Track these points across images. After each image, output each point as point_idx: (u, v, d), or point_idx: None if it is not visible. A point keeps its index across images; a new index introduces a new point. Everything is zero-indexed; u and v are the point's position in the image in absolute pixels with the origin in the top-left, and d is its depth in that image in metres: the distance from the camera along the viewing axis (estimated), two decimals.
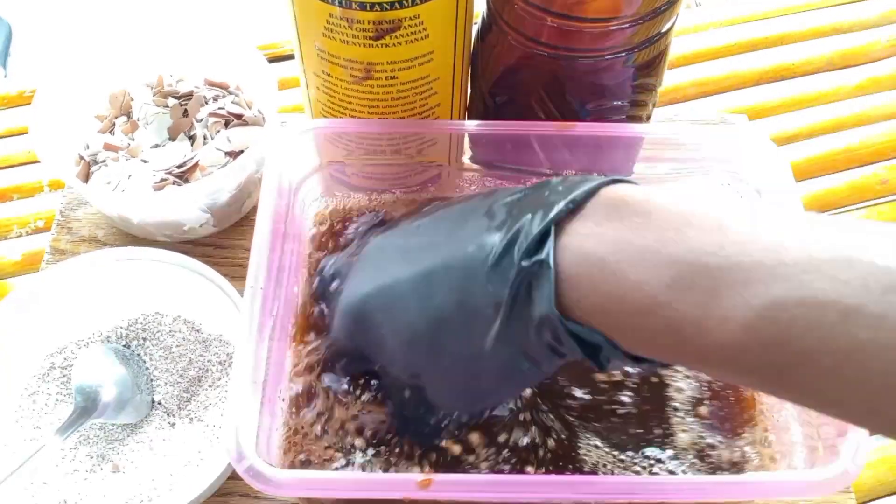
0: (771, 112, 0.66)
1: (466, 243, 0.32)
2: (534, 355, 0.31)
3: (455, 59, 0.43)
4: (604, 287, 0.27)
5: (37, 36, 1.49)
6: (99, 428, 0.46)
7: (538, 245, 0.29)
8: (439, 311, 0.32)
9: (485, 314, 0.30)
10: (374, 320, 0.35)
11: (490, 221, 0.32)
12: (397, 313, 0.34)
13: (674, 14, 0.41)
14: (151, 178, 0.51)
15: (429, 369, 0.35)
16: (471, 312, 0.31)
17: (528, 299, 0.29)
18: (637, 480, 0.36)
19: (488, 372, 0.32)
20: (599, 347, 0.28)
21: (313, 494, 0.33)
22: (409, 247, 0.35)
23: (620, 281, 0.27)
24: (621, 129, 0.44)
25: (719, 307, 0.25)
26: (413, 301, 0.33)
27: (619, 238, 0.27)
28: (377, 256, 0.37)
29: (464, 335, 0.32)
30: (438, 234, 0.34)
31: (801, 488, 0.33)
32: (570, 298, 0.28)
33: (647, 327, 0.27)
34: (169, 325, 0.49)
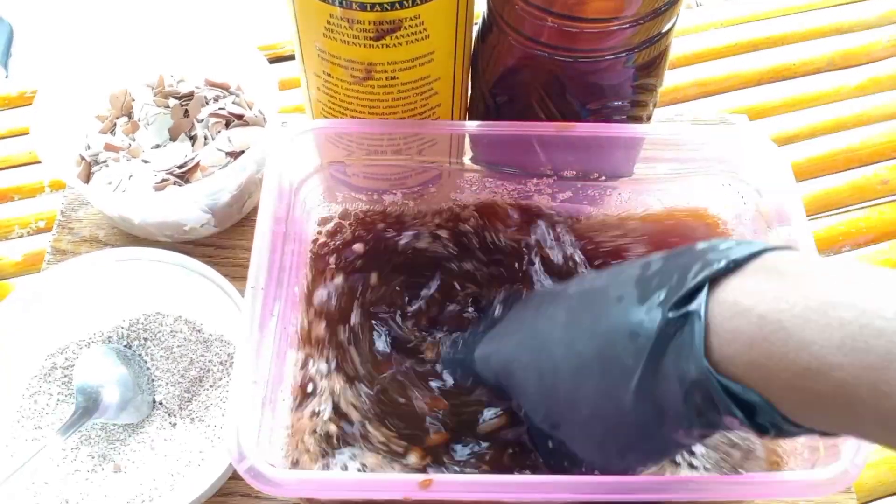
0: (771, 112, 0.66)
1: (614, 292, 0.31)
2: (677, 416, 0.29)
3: (455, 59, 0.43)
4: (764, 345, 0.26)
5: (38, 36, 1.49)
6: (100, 428, 0.46)
7: (689, 298, 0.28)
8: (580, 358, 0.32)
9: (626, 364, 0.29)
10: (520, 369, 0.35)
11: (643, 272, 0.31)
12: (540, 363, 0.34)
13: (674, 14, 0.41)
14: (152, 178, 0.51)
15: (568, 419, 0.34)
16: (610, 361, 0.30)
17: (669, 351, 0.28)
18: (637, 480, 0.36)
19: (628, 427, 0.31)
20: (755, 409, 0.27)
21: (314, 495, 0.33)
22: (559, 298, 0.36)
23: (784, 339, 0.25)
24: (622, 129, 0.44)
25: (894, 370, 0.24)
26: (557, 351, 0.33)
27: (783, 296, 0.26)
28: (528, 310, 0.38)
29: (603, 385, 0.31)
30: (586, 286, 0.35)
31: (802, 488, 0.33)
32: (723, 354, 0.27)
33: (815, 390, 0.25)
34: (170, 325, 0.49)
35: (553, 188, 0.47)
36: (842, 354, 0.24)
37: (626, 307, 0.30)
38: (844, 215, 0.60)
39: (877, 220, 0.60)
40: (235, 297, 0.47)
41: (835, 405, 0.25)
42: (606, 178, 0.46)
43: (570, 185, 0.46)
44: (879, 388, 0.24)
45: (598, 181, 0.46)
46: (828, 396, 0.25)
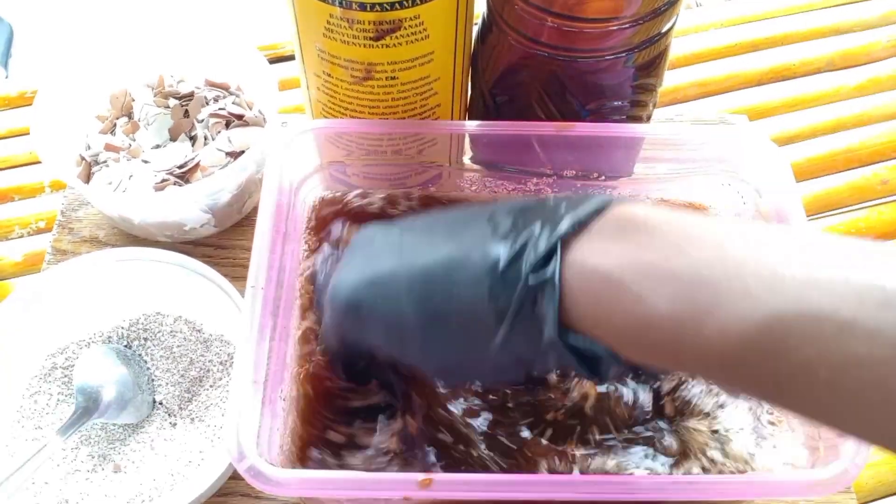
0: (771, 112, 0.66)
1: (470, 249, 0.32)
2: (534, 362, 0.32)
3: (455, 59, 0.43)
4: (606, 301, 0.28)
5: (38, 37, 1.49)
6: (100, 428, 0.46)
7: (545, 261, 0.29)
8: (436, 313, 0.32)
9: (485, 323, 0.31)
10: (363, 312, 0.35)
11: (494, 229, 0.32)
12: (389, 309, 0.34)
13: (674, 14, 0.41)
14: (152, 178, 0.51)
15: (420, 361, 0.35)
16: (470, 319, 0.31)
17: (532, 314, 0.30)
18: (637, 480, 0.36)
19: (483, 371, 0.34)
20: (599, 359, 0.29)
21: (314, 494, 0.33)
22: (404, 242, 0.35)
23: (624, 295, 0.27)
24: (621, 129, 0.44)
25: (718, 319, 0.25)
26: (407, 299, 0.33)
27: (624, 254, 0.28)
28: (367, 246, 0.37)
29: (460, 339, 0.32)
30: (436, 235, 0.34)
31: (802, 488, 0.33)
32: (575, 313, 0.29)
33: (649, 338, 0.27)
34: (170, 325, 0.49)
35: (553, 188, 0.47)
36: (671, 305, 0.26)
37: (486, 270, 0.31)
38: (844, 215, 0.60)
39: (876, 221, 0.60)
40: (235, 297, 0.47)
41: (668, 352, 0.27)
42: (606, 177, 0.46)
43: (570, 185, 0.46)
44: (701, 335, 0.26)
45: (598, 181, 0.46)
46: (663, 343, 0.27)
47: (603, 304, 0.28)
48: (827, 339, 0.24)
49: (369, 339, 0.36)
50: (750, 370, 0.26)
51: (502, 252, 0.31)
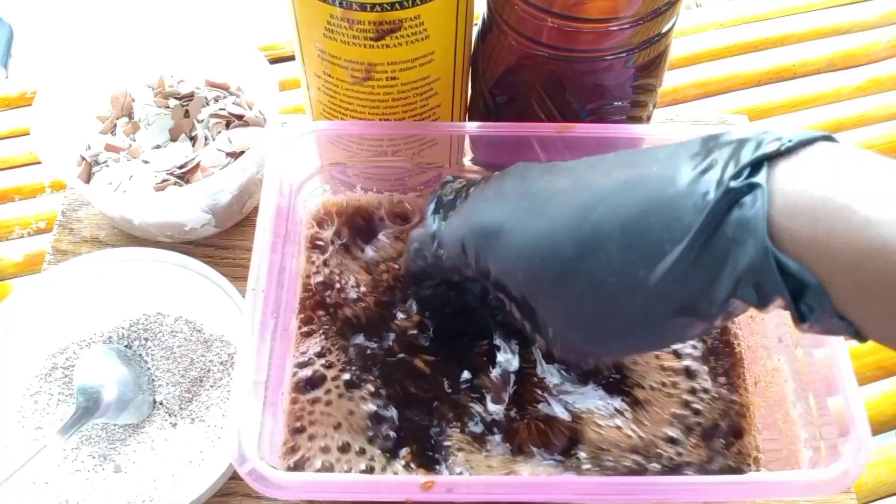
0: (772, 113, 0.66)
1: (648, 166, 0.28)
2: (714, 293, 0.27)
3: (455, 59, 0.43)
4: (828, 222, 0.24)
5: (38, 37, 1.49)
6: (101, 428, 0.46)
7: (749, 173, 0.26)
8: (595, 228, 0.28)
9: (657, 239, 0.27)
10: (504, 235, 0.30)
11: (680, 149, 0.28)
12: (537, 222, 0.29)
13: (674, 15, 0.41)
14: (153, 178, 0.51)
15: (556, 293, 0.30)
16: (639, 234, 0.27)
17: (725, 225, 0.26)
18: (637, 480, 0.36)
19: (634, 312, 0.28)
20: (804, 290, 0.25)
21: (316, 497, 0.33)
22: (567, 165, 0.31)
23: (847, 217, 0.24)
24: (621, 129, 0.44)
25: None
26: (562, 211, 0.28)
27: (846, 177, 0.25)
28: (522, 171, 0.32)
29: (618, 261, 0.27)
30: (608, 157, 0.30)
31: (802, 488, 0.33)
32: (780, 231, 0.25)
33: (875, 269, 0.24)
34: (170, 325, 0.49)
35: None
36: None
37: (672, 176, 0.27)
38: None
39: None
40: (236, 298, 0.47)
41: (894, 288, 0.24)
42: None
43: None
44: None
45: None
46: (889, 277, 0.24)
47: (820, 226, 0.24)
48: None
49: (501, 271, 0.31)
50: None
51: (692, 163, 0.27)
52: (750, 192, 0.25)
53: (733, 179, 0.26)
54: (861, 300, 0.25)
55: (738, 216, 0.26)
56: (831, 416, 0.35)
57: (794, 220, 0.25)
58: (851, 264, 0.24)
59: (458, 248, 0.33)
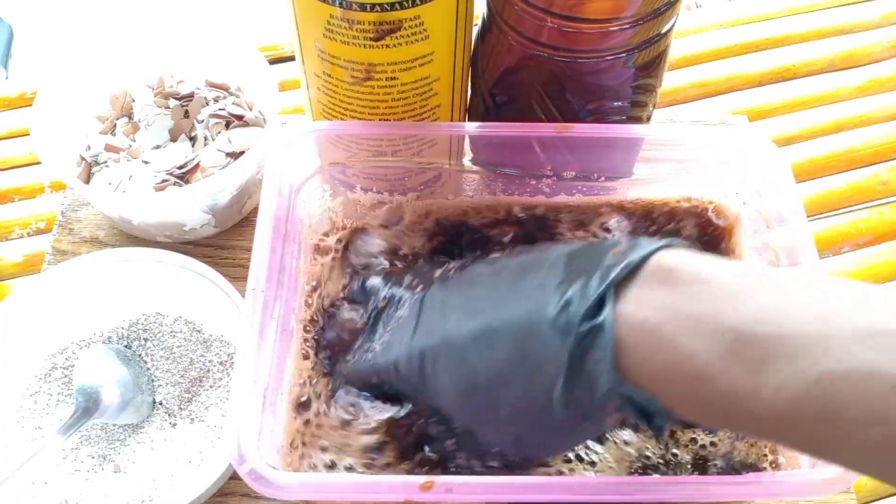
0: (772, 113, 0.66)
1: (527, 300, 0.32)
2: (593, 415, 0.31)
3: (455, 59, 0.43)
4: (658, 355, 0.28)
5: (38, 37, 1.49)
6: (100, 428, 0.46)
7: (596, 309, 0.29)
8: (499, 365, 0.32)
9: (545, 373, 0.30)
10: (431, 370, 0.35)
11: (547, 278, 0.32)
12: (457, 365, 0.34)
13: (674, 15, 0.41)
14: (152, 178, 0.51)
15: (484, 420, 0.35)
16: (531, 371, 0.31)
17: (585, 364, 0.29)
18: (637, 480, 0.36)
19: (545, 426, 0.33)
20: (653, 414, 0.29)
21: (315, 497, 0.33)
22: (470, 298, 0.35)
23: (675, 349, 0.27)
24: (621, 129, 0.44)
25: (772, 378, 0.25)
26: (474, 354, 0.33)
27: (673, 305, 0.28)
28: (433, 306, 0.37)
29: (524, 391, 0.32)
30: (499, 288, 0.34)
31: (802, 488, 0.33)
32: (626, 364, 0.28)
33: (701, 396, 0.27)
34: (170, 325, 0.49)
35: (553, 189, 0.47)
36: (722, 362, 0.26)
37: (541, 314, 0.31)
38: (844, 216, 0.60)
39: (877, 221, 0.60)
40: (235, 298, 0.47)
41: (720, 410, 0.27)
42: (606, 178, 0.46)
43: (570, 186, 0.46)
44: (755, 395, 0.26)
45: (598, 182, 0.46)
46: (715, 402, 0.27)
47: (655, 359, 0.28)
48: (878, 397, 0.23)
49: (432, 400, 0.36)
50: (803, 429, 0.25)
51: (555, 301, 0.30)
52: (597, 334, 0.29)
53: (584, 320, 0.29)
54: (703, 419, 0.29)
55: (592, 357, 0.29)
56: None
57: (637, 353, 0.28)
58: (684, 392, 0.28)
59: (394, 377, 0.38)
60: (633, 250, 0.30)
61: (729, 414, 0.27)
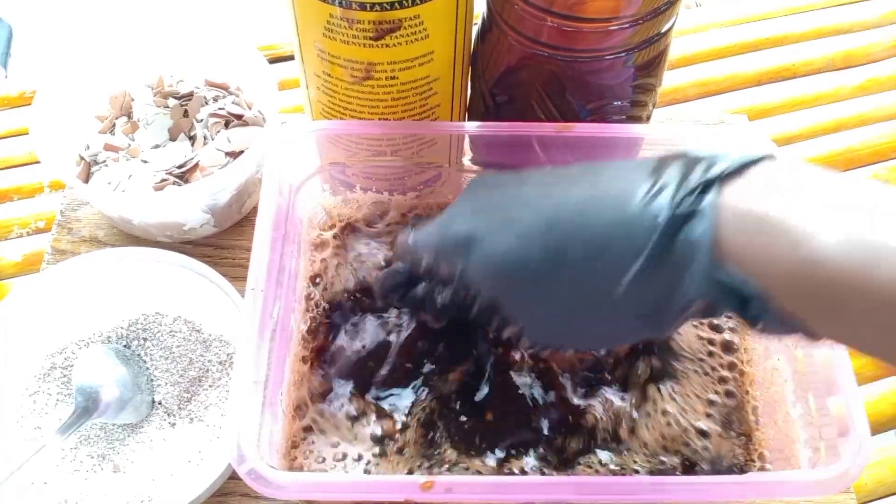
0: (771, 112, 0.66)
1: (608, 183, 0.30)
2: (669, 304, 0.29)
3: (455, 59, 0.43)
4: (766, 238, 0.27)
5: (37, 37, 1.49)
6: (99, 428, 0.46)
7: (698, 193, 0.28)
8: (560, 245, 0.30)
9: (618, 256, 0.29)
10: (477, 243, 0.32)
11: (638, 168, 0.30)
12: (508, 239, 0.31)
13: (673, 14, 0.41)
14: (152, 178, 0.51)
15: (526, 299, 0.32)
16: (601, 252, 0.29)
17: (677, 244, 0.28)
18: (637, 480, 0.36)
19: (604, 317, 0.31)
20: (749, 301, 0.28)
21: (315, 497, 0.33)
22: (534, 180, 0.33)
23: (787, 231, 0.26)
24: (621, 129, 0.44)
25: (892, 265, 0.25)
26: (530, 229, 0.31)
27: (787, 196, 0.27)
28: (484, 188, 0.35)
29: (584, 276, 0.30)
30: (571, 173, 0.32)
31: (802, 488, 0.33)
32: (729, 246, 0.28)
33: (811, 279, 0.26)
34: (169, 325, 0.49)
35: None
36: (840, 246, 0.25)
37: (628, 197, 0.29)
38: None
39: None
40: (235, 298, 0.47)
41: (829, 296, 0.26)
42: None
43: None
44: (872, 282, 0.25)
45: None
46: (823, 287, 0.26)
47: (763, 239, 0.27)
48: None
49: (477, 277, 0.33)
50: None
51: (646, 185, 0.29)
52: (696, 216, 0.28)
53: (681, 203, 0.28)
54: (802, 306, 0.27)
55: (684, 239, 0.28)
56: (831, 416, 0.35)
57: (739, 237, 0.27)
58: (789, 275, 0.27)
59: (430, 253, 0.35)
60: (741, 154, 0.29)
61: (837, 300, 0.26)
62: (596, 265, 0.30)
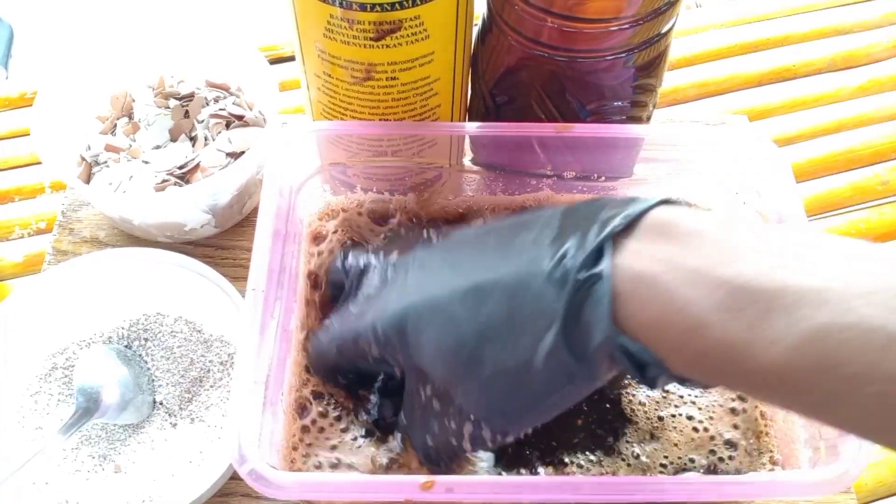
0: (772, 113, 0.66)
1: (518, 255, 0.32)
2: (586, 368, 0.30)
3: (455, 59, 0.43)
4: (654, 305, 0.27)
5: (38, 37, 1.50)
6: (100, 428, 0.46)
7: (595, 259, 0.29)
8: (488, 320, 0.32)
9: (536, 325, 0.30)
10: (415, 328, 0.34)
11: (541, 234, 0.31)
12: (443, 322, 0.33)
13: (674, 15, 0.41)
14: (153, 179, 0.51)
15: (469, 380, 0.33)
16: (521, 323, 0.31)
17: (582, 313, 0.29)
18: (637, 480, 0.36)
19: (535, 385, 0.32)
20: (647, 365, 0.29)
21: (316, 497, 0.33)
22: (457, 258, 0.35)
23: (671, 300, 0.27)
24: (621, 129, 0.44)
25: (767, 330, 0.25)
26: (460, 311, 0.32)
27: (671, 258, 0.27)
28: (421, 265, 0.36)
29: (512, 346, 0.31)
30: (487, 247, 0.34)
31: (802, 488, 0.33)
32: (622, 314, 0.28)
33: (695, 347, 0.27)
34: (170, 325, 0.49)
35: (553, 189, 0.47)
36: (718, 314, 0.26)
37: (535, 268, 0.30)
38: (845, 216, 0.60)
39: (877, 221, 0.60)
40: (236, 298, 0.47)
41: (714, 363, 0.27)
42: (606, 178, 0.46)
43: (570, 186, 0.46)
44: (749, 347, 0.25)
45: (598, 182, 0.46)
46: (709, 354, 0.27)
47: (650, 308, 0.28)
48: (876, 351, 0.23)
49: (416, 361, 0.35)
50: (797, 385, 0.25)
51: (550, 254, 0.30)
52: (597, 281, 0.28)
53: (582, 269, 0.29)
54: (694, 372, 0.28)
55: (589, 305, 0.29)
56: None
57: (632, 305, 0.28)
58: (678, 343, 0.27)
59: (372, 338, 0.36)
60: (630, 205, 0.30)
61: (722, 367, 0.27)
62: (518, 338, 0.31)
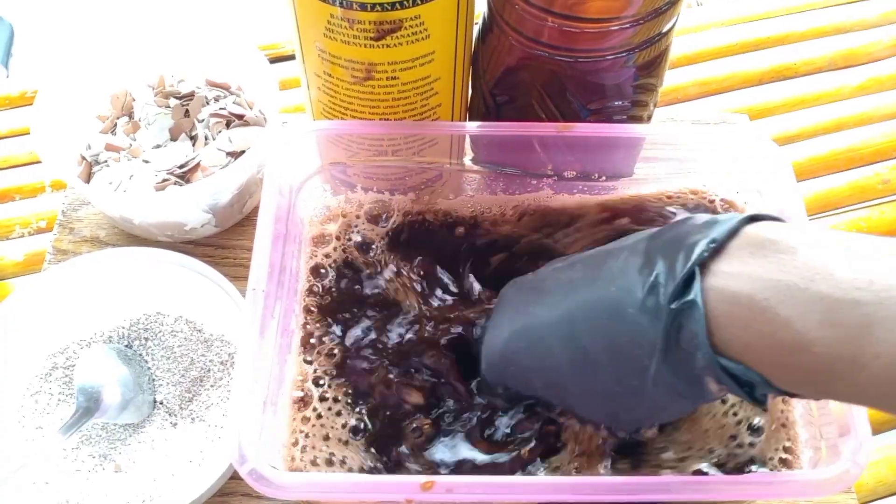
0: (772, 112, 0.66)
1: (608, 285, 0.32)
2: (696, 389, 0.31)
3: (456, 59, 0.43)
4: (754, 326, 0.27)
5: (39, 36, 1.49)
6: (101, 428, 0.46)
7: (685, 287, 0.29)
8: (584, 352, 0.32)
9: (637, 356, 0.31)
10: (517, 362, 0.36)
11: (628, 263, 0.32)
12: (540, 355, 0.34)
13: (675, 14, 0.41)
14: (153, 178, 0.51)
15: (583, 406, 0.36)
16: (620, 354, 0.31)
17: (681, 341, 0.29)
18: (637, 480, 0.36)
19: (648, 402, 0.32)
20: (754, 385, 0.29)
21: (316, 497, 0.33)
22: (547, 289, 0.36)
23: (770, 319, 0.27)
24: (622, 129, 0.44)
25: (872, 343, 0.25)
26: (556, 343, 0.33)
27: (766, 276, 0.27)
28: (516, 299, 0.38)
29: (613, 375, 0.32)
30: (575, 276, 0.35)
31: (803, 488, 0.33)
32: (721, 338, 0.28)
33: (799, 365, 0.27)
34: (170, 325, 0.49)
35: (553, 189, 0.47)
36: (821, 329, 0.26)
37: (626, 298, 0.31)
38: (845, 215, 0.60)
39: (877, 220, 0.60)
40: (236, 297, 0.47)
41: (819, 379, 0.27)
42: (607, 178, 0.46)
43: (571, 186, 0.46)
44: (856, 362, 0.25)
45: (599, 181, 0.46)
46: (813, 371, 0.27)
47: (750, 330, 0.27)
48: None
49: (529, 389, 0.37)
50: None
51: (639, 283, 0.30)
52: (690, 308, 0.28)
53: (674, 299, 0.29)
54: (800, 388, 0.28)
55: (686, 333, 0.29)
56: (831, 415, 0.35)
57: (730, 328, 0.28)
58: (781, 362, 0.27)
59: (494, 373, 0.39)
60: (715, 227, 0.30)
61: (827, 382, 0.27)
62: (620, 368, 0.32)
